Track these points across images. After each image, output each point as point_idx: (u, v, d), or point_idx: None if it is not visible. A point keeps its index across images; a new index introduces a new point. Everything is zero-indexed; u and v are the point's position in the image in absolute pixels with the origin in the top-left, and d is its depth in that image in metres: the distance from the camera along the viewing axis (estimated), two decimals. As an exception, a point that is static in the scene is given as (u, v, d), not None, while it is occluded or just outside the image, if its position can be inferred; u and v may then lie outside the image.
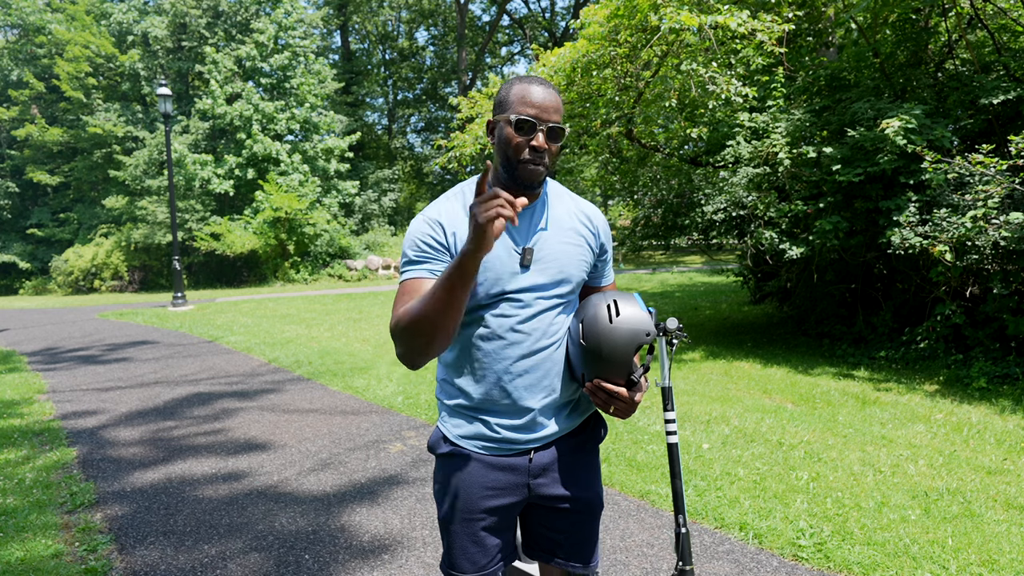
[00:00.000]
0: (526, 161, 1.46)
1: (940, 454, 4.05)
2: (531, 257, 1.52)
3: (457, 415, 1.62)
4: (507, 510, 1.61)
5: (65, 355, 9.12)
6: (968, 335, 6.14)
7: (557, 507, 1.64)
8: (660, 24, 6.36)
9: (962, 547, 2.87)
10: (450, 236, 1.50)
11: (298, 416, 5.50)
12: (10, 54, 26.66)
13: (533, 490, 1.61)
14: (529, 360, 1.53)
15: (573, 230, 1.60)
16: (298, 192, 23.05)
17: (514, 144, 1.46)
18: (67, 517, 3.57)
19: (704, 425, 4.79)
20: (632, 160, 10.13)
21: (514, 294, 1.52)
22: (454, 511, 1.61)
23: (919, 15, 7.31)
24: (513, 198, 1.25)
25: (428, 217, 1.53)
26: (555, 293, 1.55)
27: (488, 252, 1.28)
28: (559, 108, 1.48)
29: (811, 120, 6.92)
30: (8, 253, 26.43)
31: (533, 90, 1.46)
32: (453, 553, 1.62)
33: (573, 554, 1.67)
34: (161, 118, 24.16)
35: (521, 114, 1.44)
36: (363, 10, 33.08)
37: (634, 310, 1.52)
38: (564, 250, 1.57)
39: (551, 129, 1.46)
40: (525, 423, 1.57)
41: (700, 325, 9.69)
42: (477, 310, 1.53)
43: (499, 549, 1.63)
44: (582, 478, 1.65)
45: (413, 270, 1.50)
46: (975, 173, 5.58)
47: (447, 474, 1.62)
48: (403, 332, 1.42)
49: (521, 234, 1.54)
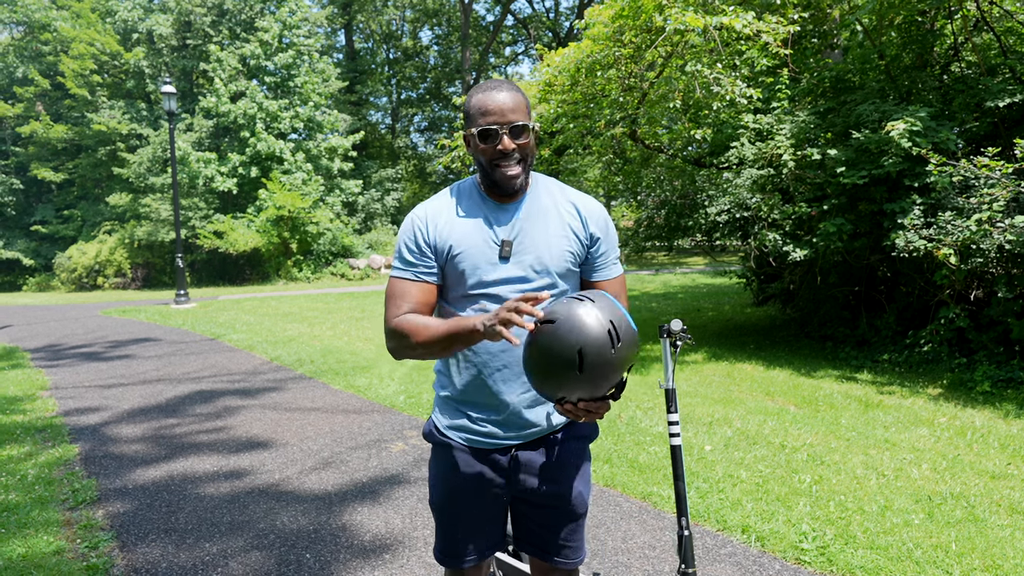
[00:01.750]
0: (499, 165, 1.53)
1: (944, 458, 4.03)
2: (510, 250, 1.56)
3: (446, 406, 1.69)
4: (492, 502, 1.68)
5: (68, 352, 9.13)
6: (972, 339, 6.12)
7: (540, 504, 1.68)
8: (665, 25, 6.35)
9: (966, 552, 2.86)
10: (432, 233, 1.59)
11: (300, 414, 5.50)
12: (15, 51, 26.72)
13: (516, 486, 1.66)
14: (509, 354, 1.57)
15: (558, 222, 1.61)
16: (301, 191, 23.05)
17: (484, 153, 1.54)
18: (69, 514, 3.57)
19: (706, 427, 4.78)
20: (636, 161, 10.11)
21: (493, 286, 1.56)
22: (442, 499, 1.70)
23: (925, 17, 7.28)
24: (533, 310, 1.30)
25: (416, 216, 1.62)
26: (536, 286, 1.58)
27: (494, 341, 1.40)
28: (518, 106, 1.52)
29: (816, 122, 6.90)
30: (12, 250, 26.47)
31: (489, 97, 1.52)
32: (444, 537, 1.72)
33: (559, 550, 1.72)
34: (165, 116, 24.11)
35: (481, 125, 1.52)
36: (367, 9, 33.07)
37: (627, 328, 1.37)
38: (546, 242, 1.58)
39: (512, 129, 1.51)
40: (505, 418, 1.61)
41: (703, 327, 9.68)
42: (462, 300, 1.59)
43: (484, 539, 1.71)
44: (566, 477, 1.68)
45: (402, 271, 1.61)
46: (980, 176, 5.56)
47: (436, 463, 1.72)
48: (397, 344, 1.57)
49: (502, 227, 1.58)
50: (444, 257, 1.58)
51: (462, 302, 1.59)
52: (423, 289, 1.59)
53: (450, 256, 1.57)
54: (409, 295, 1.58)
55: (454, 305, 1.61)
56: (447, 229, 1.58)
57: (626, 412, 5.20)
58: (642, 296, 14.02)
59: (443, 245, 1.58)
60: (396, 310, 1.57)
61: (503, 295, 1.56)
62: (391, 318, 1.57)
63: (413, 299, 1.58)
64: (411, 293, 1.58)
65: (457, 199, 1.63)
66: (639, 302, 12.93)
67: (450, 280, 1.60)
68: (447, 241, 1.58)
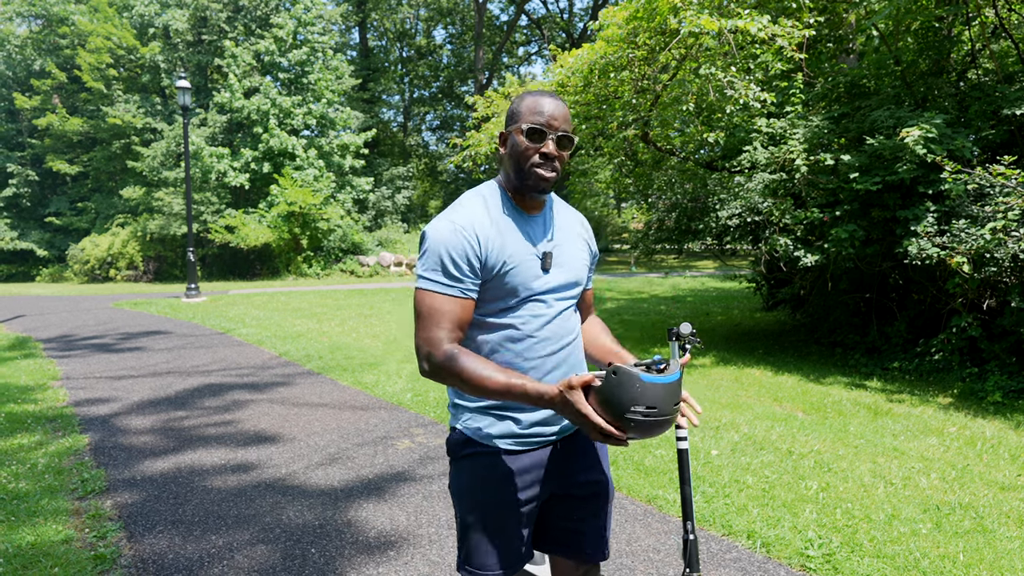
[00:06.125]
0: (537, 165, 1.55)
1: (953, 468, 4.00)
2: (551, 261, 1.62)
3: (485, 415, 1.63)
4: (535, 503, 1.67)
5: (80, 343, 9.22)
6: (984, 348, 6.06)
7: (578, 495, 1.70)
8: (679, 27, 6.33)
9: (973, 563, 2.84)
10: (484, 249, 1.54)
11: (307, 410, 5.53)
12: (33, 44, 27.01)
13: (560, 478, 1.68)
14: (558, 356, 1.64)
15: (578, 235, 1.74)
16: (313, 187, 23.16)
17: (526, 151, 1.55)
18: (78, 503, 3.61)
19: (713, 431, 4.76)
20: (647, 163, 10.09)
21: (539, 296, 1.61)
22: (484, 509, 1.62)
23: (942, 23, 7.22)
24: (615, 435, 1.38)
25: (461, 227, 1.53)
26: (571, 294, 1.69)
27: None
28: (568, 119, 1.59)
29: (829, 127, 6.86)
30: (26, 240, 26.77)
31: (544, 102, 1.56)
32: (481, 551, 1.62)
33: (592, 543, 1.72)
34: (180, 110, 24.31)
35: (532, 123, 1.54)
36: (382, 7, 33.18)
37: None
38: (575, 254, 1.70)
39: (560, 137, 1.57)
40: (551, 415, 1.64)
41: (711, 330, 9.64)
42: (503, 312, 1.59)
43: (525, 544, 1.68)
44: (599, 462, 1.74)
45: (446, 287, 1.52)
46: (995, 184, 5.50)
47: (475, 474, 1.64)
48: (440, 379, 1.52)
49: (539, 240, 1.64)
50: (493, 272, 1.55)
51: (508, 310, 1.59)
52: (465, 307, 1.54)
53: (500, 272, 1.55)
54: (451, 314, 1.51)
55: (499, 314, 1.59)
56: (499, 244, 1.55)
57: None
58: (651, 299, 13.99)
59: (495, 261, 1.54)
60: (437, 331, 1.50)
61: (549, 301, 1.62)
62: (435, 343, 1.50)
63: (455, 318, 1.52)
64: (453, 312, 1.52)
65: (495, 210, 1.59)
66: (648, 305, 12.90)
67: (493, 293, 1.57)
68: (500, 257, 1.55)
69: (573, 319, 1.70)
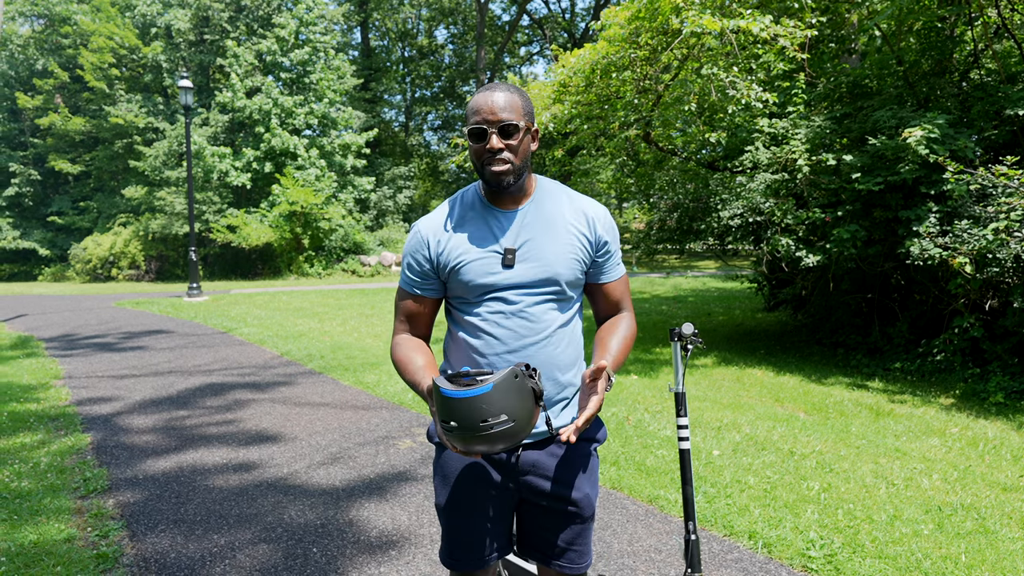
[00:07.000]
0: (487, 163, 1.56)
1: (955, 469, 4.00)
2: (513, 258, 1.59)
3: None
4: (497, 502, 1.66)
5: (82, 342, 9.23)
6: (986, 349, 6.05)
7: (545, 506, 1.67)
8: (681, 27, 6.33)
9: (975, 564, 2.83)
10: (434, 249, 1.64)
11: (309, 409, 5.53)
12: (36, 44, 27.05)
13: (524, 487, 1.65)
14: (519, 355, 1.60)
15: (565, 229, 1.64)
16: (314, 187, 23.17)
17: (476, 152, 1.58)
18: (80, 502, 3.61)
19: (715, 432, 4.76)
20: (649, 163, 10.09)
21: (499, 291, 1.60)
22: (447, 501, 1.68)
23: (945, 24, 7.21)
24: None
25: (417, 230, 1.67)
26: (543, 291, 1.62)
27: None
28: (510, 106, 1.54)
29: (831, 127, 6.85)
30: (28, 240, 26.82)
31: (478, 100, 1.56)
32: (448, 543, 1.70)
33: (562, 553, 1.69)
34: (182, 110, 24.38)
35: (472, 125, 1.56)
36: (383, 7, 33.17)
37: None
38: (553, 248, 1.62)
39: (501, 128, 1.53)
40: None
41: (713, 331, 9.64)
42: (466, 307, 1.63)
43: (492, 540, 1.68)
44: (572, 479, 1.66)
45: (407, 284, 1.70)
46: (998, 185, 5.50)
47: (441, 463, 1.71)
48: (394, 365, 1.69)
49: (505, 235, 1.61)
50: (447, 271, 1.63)
51: (470, 305, 1.63)
52: (419, 302, 1.69)
53: (453, 269, 1.62)
54: (405, 308, 1.70)
55: (462, 308, 1.65)
56: (448, 243, 1.62)
57: (634, 415, 5.20)
58: (652, 299, 13.98)
59: (445, 260, 1.62)
60: (396, 323, 1.73)
61: (510, 298, 1.60)
62: (393, 332, 1.73)
63: (408, 312, 1.70)
64: (407, 307, 1.70)
65: (459, 210, 1.66)
66: (649, 305, 12.90)
67: (456, 289, 1.64)
68: (448, 256, 1.62)
69: (546, 320, 1.61)
